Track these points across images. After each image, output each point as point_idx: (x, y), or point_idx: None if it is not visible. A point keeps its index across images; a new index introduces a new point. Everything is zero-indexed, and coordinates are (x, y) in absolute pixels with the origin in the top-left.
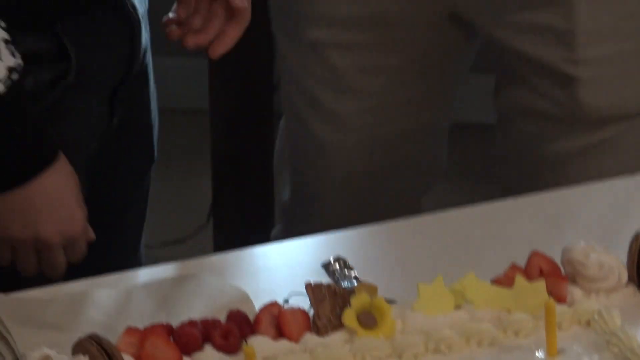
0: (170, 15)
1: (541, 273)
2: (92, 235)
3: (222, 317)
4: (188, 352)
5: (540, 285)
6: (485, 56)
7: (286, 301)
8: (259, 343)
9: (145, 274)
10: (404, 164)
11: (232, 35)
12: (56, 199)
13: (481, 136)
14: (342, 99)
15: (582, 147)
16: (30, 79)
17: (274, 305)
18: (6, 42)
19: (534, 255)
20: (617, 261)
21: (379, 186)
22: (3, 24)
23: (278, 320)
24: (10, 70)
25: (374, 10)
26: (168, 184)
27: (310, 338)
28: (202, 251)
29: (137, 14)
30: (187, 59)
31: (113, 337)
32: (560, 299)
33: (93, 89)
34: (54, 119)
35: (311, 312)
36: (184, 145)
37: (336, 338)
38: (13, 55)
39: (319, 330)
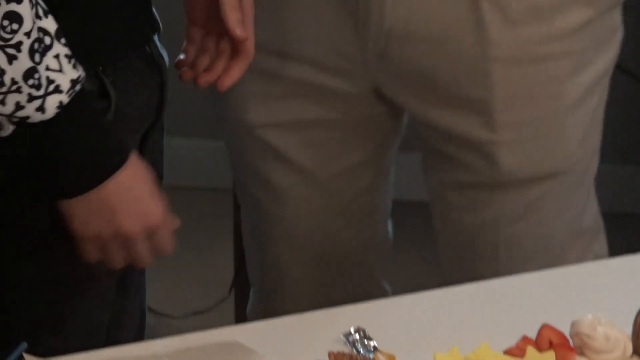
0: (181, 56)
1: (551, 345)
2: (176, 222)
3: None
4: None
5: (550, 356)
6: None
7: None
8: None
9: (168, 344)
10: (351, 235)
11: (238, 69)
12: (131, 195)
13: (426, 213)
14: (285, 172)
15: (514, 211)
16: None
17: None
18: (67, 57)
19: (544, 327)
20: (622, 334)
21: (334, 258)
22: (64, 41)
23: None
24: (74, 82)
25: (307, 88)
26: (191, 257)
27: None
28: (223, 323)
29: (165, 64)
30: (213, 141)
31: None
32: None
33: (128, 132)
34: None
35: None
36: (207, 221)
37: None
38: (75, 67)
39: None
